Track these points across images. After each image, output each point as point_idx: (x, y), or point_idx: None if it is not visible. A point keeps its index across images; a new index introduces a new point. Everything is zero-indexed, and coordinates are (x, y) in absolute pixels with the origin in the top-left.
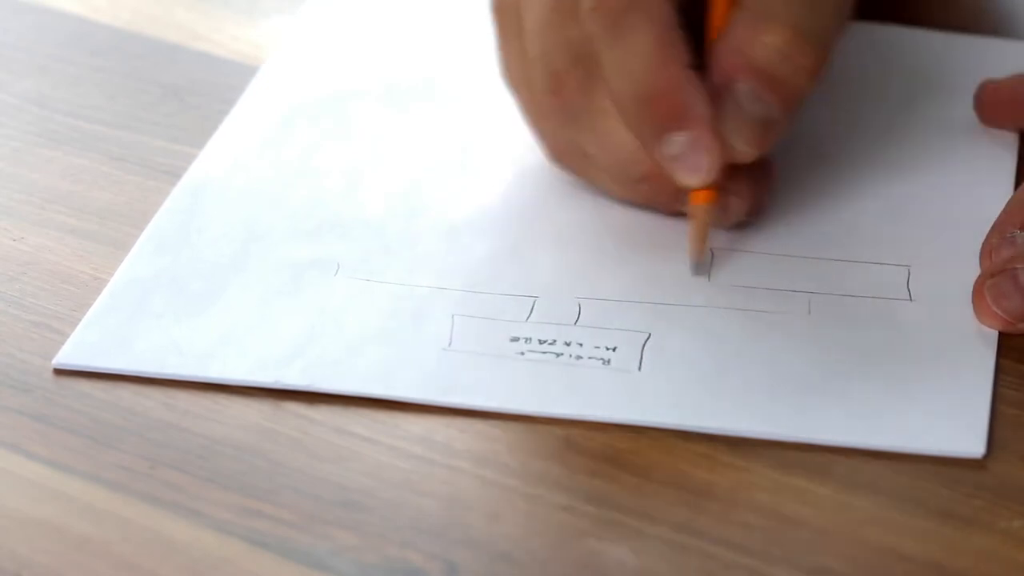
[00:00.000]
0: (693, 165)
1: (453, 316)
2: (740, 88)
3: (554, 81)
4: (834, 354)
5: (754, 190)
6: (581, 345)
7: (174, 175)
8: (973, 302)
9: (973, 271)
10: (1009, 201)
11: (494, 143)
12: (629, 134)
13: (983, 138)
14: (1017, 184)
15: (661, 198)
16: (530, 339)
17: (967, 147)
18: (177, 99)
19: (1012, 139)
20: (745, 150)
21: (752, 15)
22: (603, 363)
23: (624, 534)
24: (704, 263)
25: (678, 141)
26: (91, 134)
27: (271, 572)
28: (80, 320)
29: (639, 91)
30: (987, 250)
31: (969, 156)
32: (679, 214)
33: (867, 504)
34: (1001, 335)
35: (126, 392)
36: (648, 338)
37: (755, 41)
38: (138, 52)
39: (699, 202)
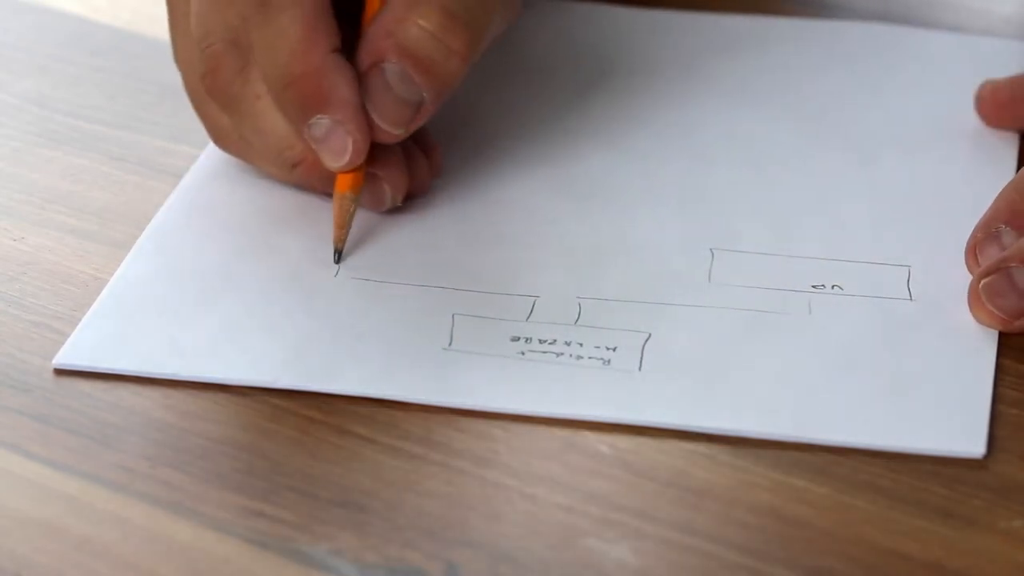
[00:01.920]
0: (337, 148)
1: (453, 316)
2: (388, 68)
3: (211, 64)
4: (834, 354)
5: (407, 176)
6: (581, 345)
7: (174, 175)
8: (969, 301)
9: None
10: (997, 197)
11: (493, 142)
12: (281, 118)
13: (983, 138)
14: None
15: (316, 182)
16: (530, 339)
17: (967, 147)
18: (177, 99)
19: (1013, 139)
20: (391, 131)
21: None
22: (603, 363)
23: (624, 534)
24: (342, 251)
25: (322, 124)
26: (91, 134)
27: (271, 572)
28: (80, 320)
29: (284, 73)
30: (972, 245)
31: (969, 156)
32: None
33: (867, 504)
34: (1001, 335)
35: (126, 392)
36: (648, 338)
37: (406, 23)
38: (138, 52)
39: (342, 189)
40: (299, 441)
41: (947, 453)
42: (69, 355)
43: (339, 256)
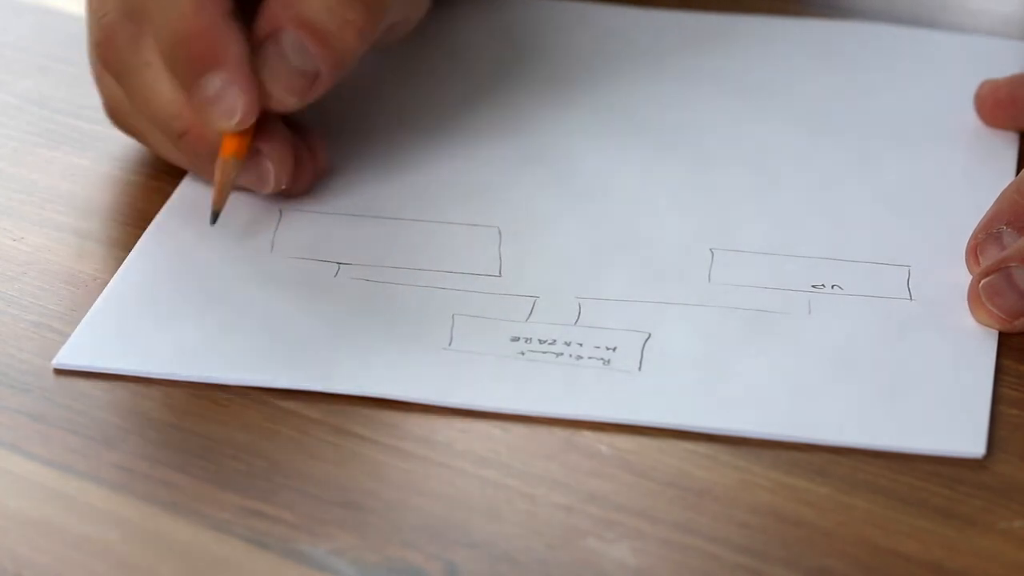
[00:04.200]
0: (227, 108)
1: (453, 316)
2: (284, 37)
3: (105, 33)
4: (834, 354)
5: (291, 157)
6: (581, 345)
7: (174, 175)
8: (969, 301)
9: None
10: (998, 198)
11: (491, 142)
12: (171, 86)
13: (983, 138)
14: None
15: (202, 154)
16: (530, 339)
17: (967, 147)
18: None
19: (1012, 139)
20: (284, 98)
21: None
22: (603, 363)
23: (624, 534)
24: (219, 212)
25: (213, 83)
26: (91, 134)
27: (271, 572)
28: (80, 320)
29: (175, 33)
30: (973, 245)
31: (969, 156)
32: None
33: (867, 504)
34: (1001, 335)
35: (126, 392)
36: (648, 338)
37: None
38: None
39: (226, 154)
40: (299, 441)
41: (947, 453)
42: (69, 355)
43: (215, 218)
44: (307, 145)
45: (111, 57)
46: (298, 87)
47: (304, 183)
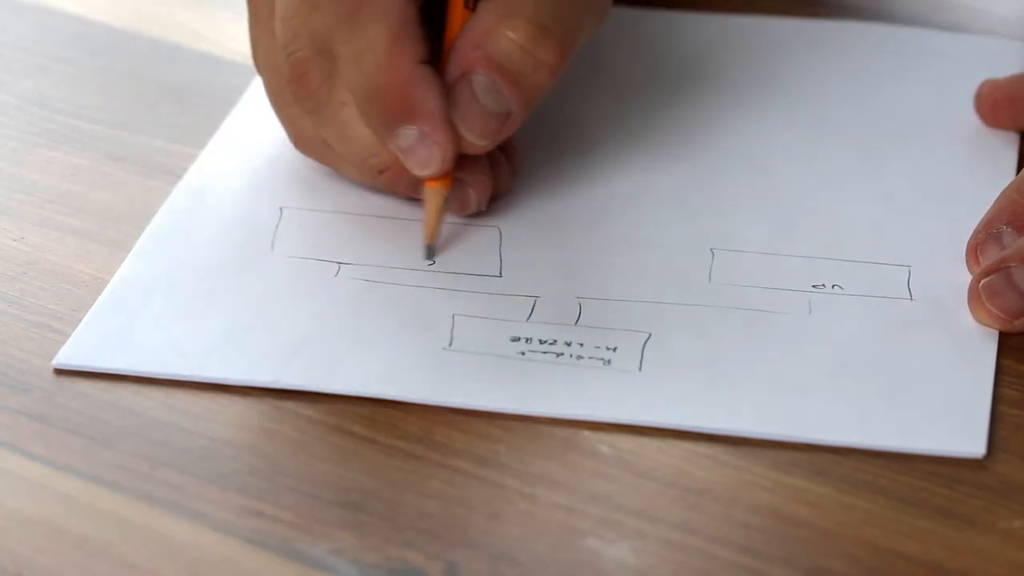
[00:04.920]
0: (424, 158)
1: (453, 316)
2: (476, 80)
3: (297, 69)
4: (834, 354)
5: (491, 180)
6: (581, 345)
7: (174, 175)
8: (969, 301)
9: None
10: (998, 198)
11: None
12: (366, 127)
13: (983, 138)
14: None
15: (401, 187)
16: (530, 339)
17: (967, 147)
18: (177, 99)
19: (1012, 139)
20: (478, 143)
21: (495, 9)
22: (603, 363)
23: (624, 534)
24: (435, 246)
25: (409, 134)
26: (91, 134)
27: (271, 572)
28: (80, 320)
29: (370, 84)
30: (973, 246)
31: (969, 156)
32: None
33: (867, 504)
34: (1001, 335)
35: (126, 392)
36: (648, 338)
37: (495, 35)
38: (138, 52)
39: (432, 186)
40: (299, 441)
41: (947, 453)
42: (69, 355)
43: (431, 252)
44: (501, 146)
45: (304, 93)
46: (491, 129)
47: (504, 186)
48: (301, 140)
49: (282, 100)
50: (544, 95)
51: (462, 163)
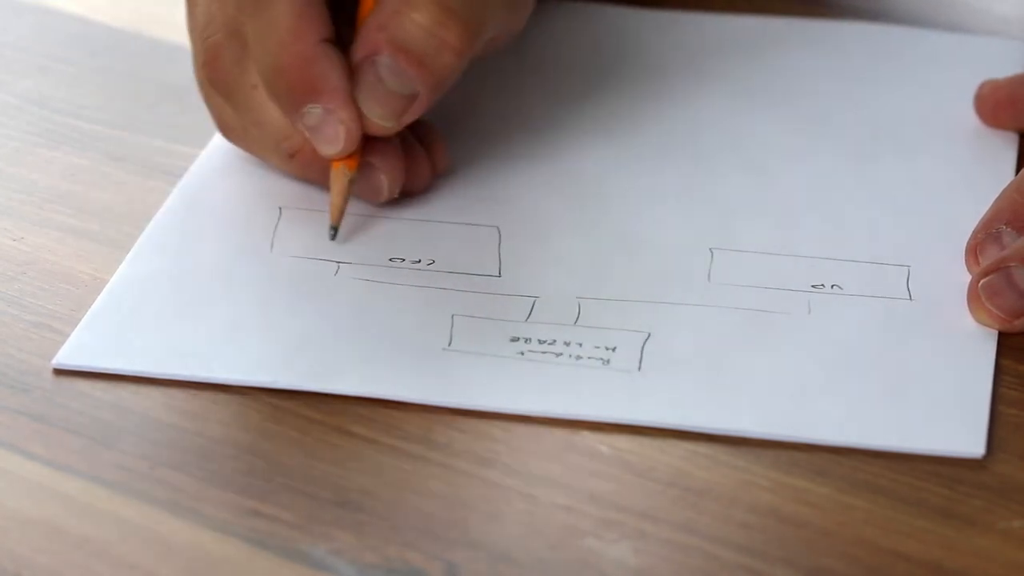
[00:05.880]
0: (329, 136)
1: (453, 316)
2: (380, 61)
3: (210, 54)
4: (834, 354)
5: (403, 167)
6: (581, 345)
7: (174, 175)
8: (968, 301)
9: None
10: (997, 198)
11: (493, 141)
12: (277, 109)
13: (983, 138)
14: None
15: (314, 172)
16: (530, 339)
17: (967, 147)
18: (177, 99)
19: (1012, 139)
20: (382, 123)
21: None
22: (603, 363)
23: (624, 534)
24: (339, 228)
25: (314, 112)
26: (91, 134)
27: (271, 572)
28: (80, 320)
29: (274, 63)
30: (972, 246)
31: (969, 156)
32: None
33: (867, 504)
34: (1001, 335)
35: (126, 392)
36: (648, 338)
37: (400, 17)
38: (138, 52)
39: (337, 166)
40: (299, 441)
41: (947, 453)
42: (69, 355)
43: (335, 233)
44: (425, 144)
45: (217, 77)
46: (396, 110)
47: (422, 183)
48: (224, 127)
49: (206, 88)
50: (453, 77)
51: (372, 147)
